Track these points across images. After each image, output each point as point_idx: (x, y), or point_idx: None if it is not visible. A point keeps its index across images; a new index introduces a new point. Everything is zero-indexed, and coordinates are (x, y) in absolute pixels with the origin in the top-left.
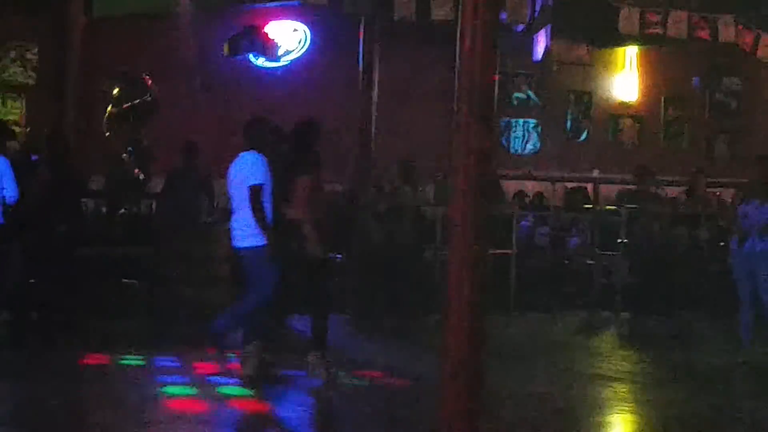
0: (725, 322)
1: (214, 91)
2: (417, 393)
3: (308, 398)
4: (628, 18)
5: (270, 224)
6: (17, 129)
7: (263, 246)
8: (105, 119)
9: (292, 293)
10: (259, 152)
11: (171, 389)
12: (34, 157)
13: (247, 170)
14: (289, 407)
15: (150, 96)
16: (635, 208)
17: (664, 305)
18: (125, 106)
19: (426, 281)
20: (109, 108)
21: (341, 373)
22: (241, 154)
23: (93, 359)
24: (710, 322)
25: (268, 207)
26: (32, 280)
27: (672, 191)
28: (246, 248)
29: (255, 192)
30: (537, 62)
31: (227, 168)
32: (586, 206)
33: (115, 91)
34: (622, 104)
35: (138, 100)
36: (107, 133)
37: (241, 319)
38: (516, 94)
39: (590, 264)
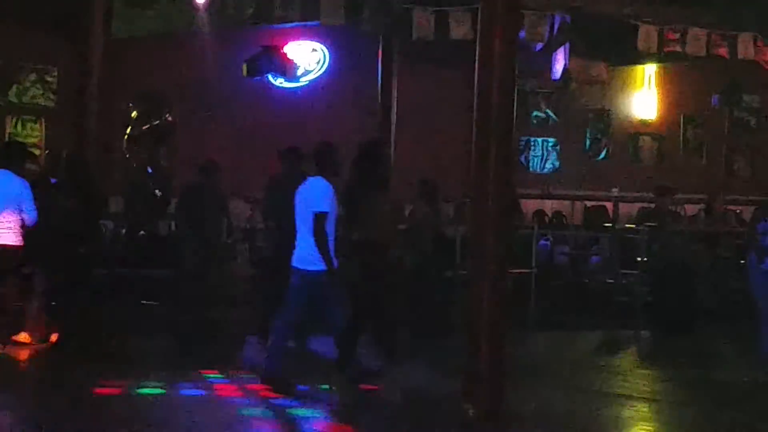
0: (746, 339)
1: (234, 112)
2: (438, 412)
3: (338, 417)
4: (646, 36)
5: (332, 250)
6: (37, 151)
7: (326, 270)
8: (125, 141)
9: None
10: (326, 178)
11: (193, 410)
12: (53, 180)
13: (313, 196)
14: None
15: (168, 117)
16: (655, 226)
17: (684, 323)
18: (144, 127)
19: (447, 301)
20: (128, 130)
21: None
22: (309, 179)
23: (113, 381)
24: (731, 340)
25: (331, 233)
26: (53, 303)
27: (692, 209)
28: (313, 272)
29: (319, 219)
30: (555, 81)
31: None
32: (606, 225)
33: (134, 113)
34: (641, 122)
35: (156, 122)
36: (127, 155)
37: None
38: (535, 113)
39: (610, 282)
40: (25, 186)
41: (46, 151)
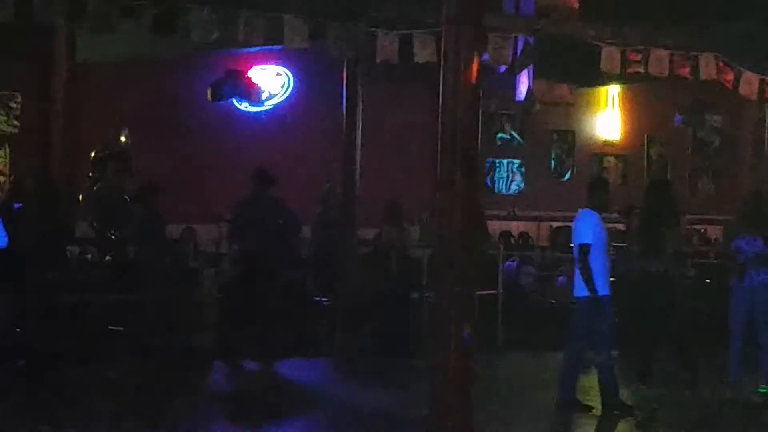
0: (713, 358)
1: (199, 137)
2: None
3: None
4: (609, 57)
5: (596, 279)
6: (2, 178)
7: (601, 296)
8: (90, 165)
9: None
10: (595, 210)
11: None
12: (16, 206)
13: (579, 228)
14: None
15: (122, 147)
16: (623, 246)
17: (651, 343)
18: (96, 159)
19: (413, 323)
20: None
21: None
22: (580, 210)
23: (80, 405)
24: (699, 359)
25: (598, 263)
26: (18, 329)
27: None
28: (578, 298)
29: (582, 251)
30: (520, 102)
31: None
32: (572, 245)
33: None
34: (606, 143)
35: (107, 152)
36: (80, 198)
37: (574, 368)
38: (500, 135)
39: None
40: None
41: (11, 177)
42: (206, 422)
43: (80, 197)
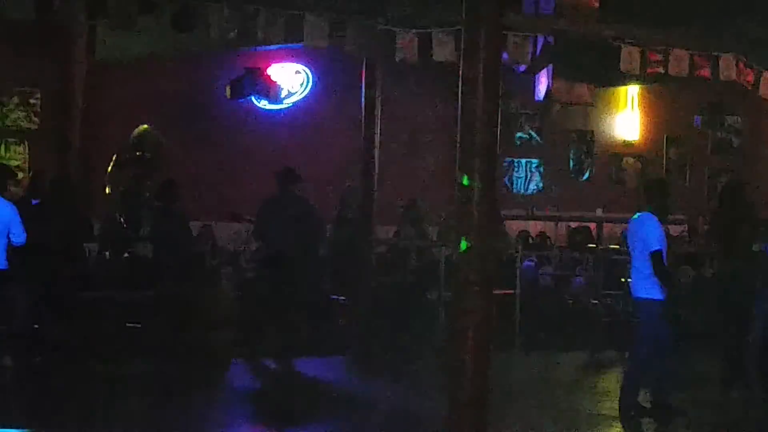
0: (730, 359)
1: (217, 134)
2: None
3: None
4: (629, 57)
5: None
6: (21, 174)
7: (659, 300)
8: (107, 173)
9: None
10: (655, 213)
11: None
12: (34, 202)
13: (644, 233)
14: None
15: (153, 153)
16: None
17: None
18: (125, 157)
19: (430, 322)
20: (113, 158)
21: None
22: (639, 214)
23: (96, 402)
24: (715, 360)
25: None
26: (36, 325)
27: (675, 229)
28: (640, 299)
29: (656, 259)
30: (539, 102)
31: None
32: (590, 246)
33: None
34: (625, 143)
35: (139, 153)
36: (107, 190)
37: (639, 374)
38: (518, 134)
39: (594, 303)
40: (14, 209)
41: (29, 174)
42: (224, 420)
43: (107, 189)
